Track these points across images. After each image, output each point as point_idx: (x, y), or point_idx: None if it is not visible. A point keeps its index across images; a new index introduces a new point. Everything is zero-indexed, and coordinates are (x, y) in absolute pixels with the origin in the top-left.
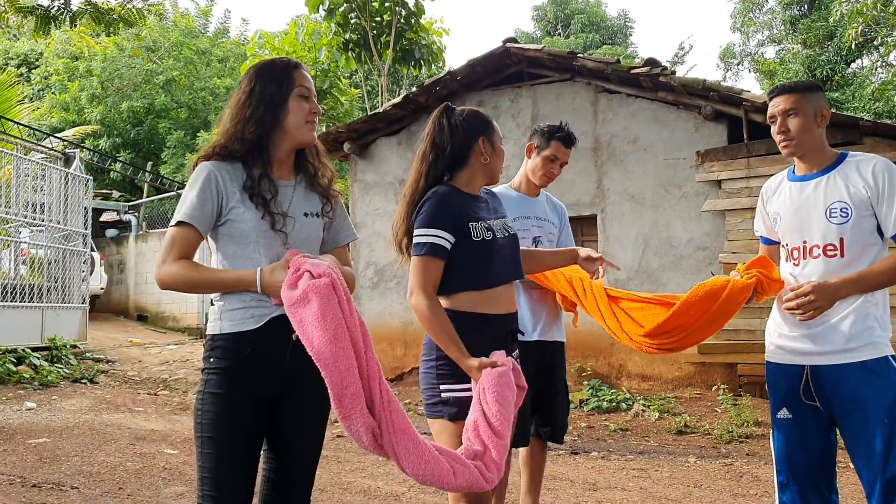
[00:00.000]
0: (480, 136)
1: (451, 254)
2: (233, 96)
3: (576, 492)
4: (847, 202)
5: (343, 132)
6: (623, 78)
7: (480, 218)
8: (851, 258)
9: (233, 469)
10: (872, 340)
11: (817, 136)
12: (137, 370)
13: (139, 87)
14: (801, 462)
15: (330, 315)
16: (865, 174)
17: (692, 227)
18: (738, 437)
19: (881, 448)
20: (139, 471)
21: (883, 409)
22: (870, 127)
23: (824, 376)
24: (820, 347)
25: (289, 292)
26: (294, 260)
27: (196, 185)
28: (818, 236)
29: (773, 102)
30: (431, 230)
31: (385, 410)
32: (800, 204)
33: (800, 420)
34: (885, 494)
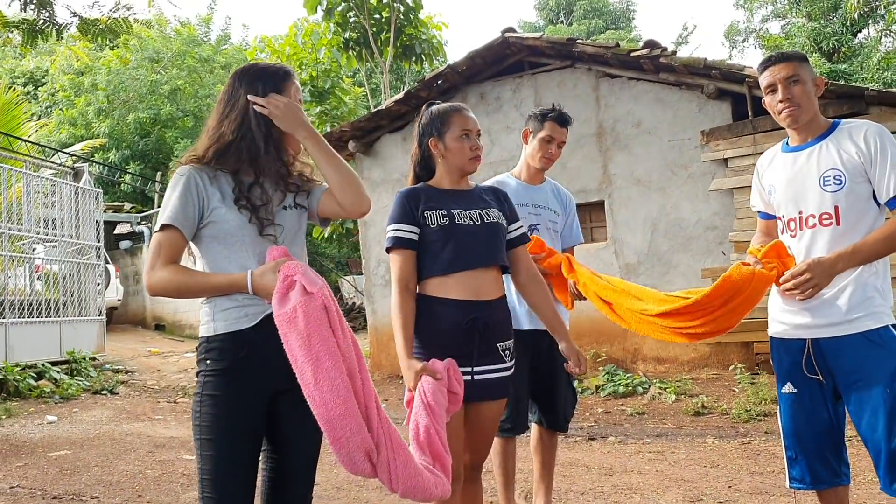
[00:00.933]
0: (430, 139)
1: (419, 244)
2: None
3: (591, 477)
4: (840, 169)
5: (347, 131)
6: (624, 61)
7: (440, 207)
8: (848, 226)
9: (232, 470)
10: (872, 310)
11: (815, 104)
12: (156, 379)
13: (145, 99)
14: (809, 436)
15: (316, 339)
16: (857, 140)
17: (700, 208)
18: (755, 415)
19: (885, 418)
20: (158, 478)
21: (885, 378)
22: (875, 96)
23: (826, 349)
24: (820, 320)
25: (279, 307)
26: (285, 266)
27: (177, 188)
28: (813, 205)
29: (770, 71)
30: (393, 225)
31: (382, 429)
32: (793, 174)
33: (804, 394)
34: (890, 464)
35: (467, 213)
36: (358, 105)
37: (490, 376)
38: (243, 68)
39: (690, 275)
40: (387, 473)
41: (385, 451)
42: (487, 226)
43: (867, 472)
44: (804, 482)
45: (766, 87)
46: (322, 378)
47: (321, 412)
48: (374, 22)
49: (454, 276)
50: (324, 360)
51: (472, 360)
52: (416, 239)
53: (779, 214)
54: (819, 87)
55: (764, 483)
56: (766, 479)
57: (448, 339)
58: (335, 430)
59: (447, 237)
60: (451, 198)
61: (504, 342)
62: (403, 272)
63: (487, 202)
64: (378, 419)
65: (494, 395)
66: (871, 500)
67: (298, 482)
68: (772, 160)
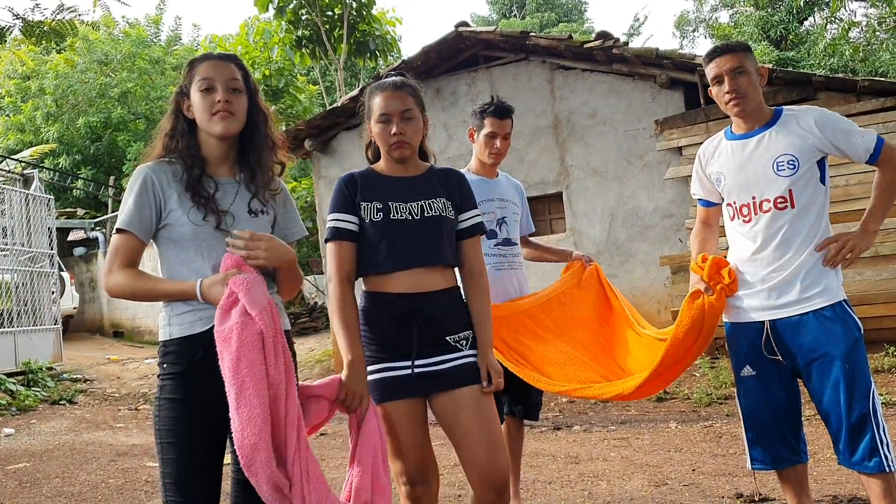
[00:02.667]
0: (367, 123)
1: (360, 235)
2: None
3: (558, 466)
4: (793, 154)
5: (303, 129)
6: (577, 53)
7: (377, 198)
8: (801, 208)
9: (195, 473)
10: (826, 287)
11: (759, 93)
12: (117, 387)
13: (94, 102)
14: (768, 417)
15: (244, 363)
16: (809, 126)
17: (657, 196)
18: (716, 399)
19: (844, 393)
20: (121, 486)
21: (843, 354)
22: (823, 82)
23: (784, 329)
24: (776, 301)
25: (219, 323)
26: (232, 280)
27: (133, 190)
28: (768, 191)
29: (716, 63)
30: (332, 215)
31: (300, 459)
32: (744, 161)
33: (763, 376)
34: (850, 437)
35: (406, 207)
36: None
37: (440, 367)
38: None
39: (649, 262)
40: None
41: (299, 485)
42: (428, 220)
43: (825, 450)
44: (765, 462)
45: (712, 78)
46: (242, 405)
47: (236, 438)
48: (326, 19)
49: (391, 275)
50: (247, 386)
51: (412, 354)
52: (356, 230)
53: (729, 201)
54: (763, 76)
55: (727, 464)
56: (729, 460)
57: (387, 334)
58: (245, 457)
59: (381, 234)
60: (391, 187)
61: (455, 334)
62: (342, 265)
63: (434, 191)
64: (297, 451)
65: (453, 384)
66: (829, 477)
67: None
68: (716, 148)
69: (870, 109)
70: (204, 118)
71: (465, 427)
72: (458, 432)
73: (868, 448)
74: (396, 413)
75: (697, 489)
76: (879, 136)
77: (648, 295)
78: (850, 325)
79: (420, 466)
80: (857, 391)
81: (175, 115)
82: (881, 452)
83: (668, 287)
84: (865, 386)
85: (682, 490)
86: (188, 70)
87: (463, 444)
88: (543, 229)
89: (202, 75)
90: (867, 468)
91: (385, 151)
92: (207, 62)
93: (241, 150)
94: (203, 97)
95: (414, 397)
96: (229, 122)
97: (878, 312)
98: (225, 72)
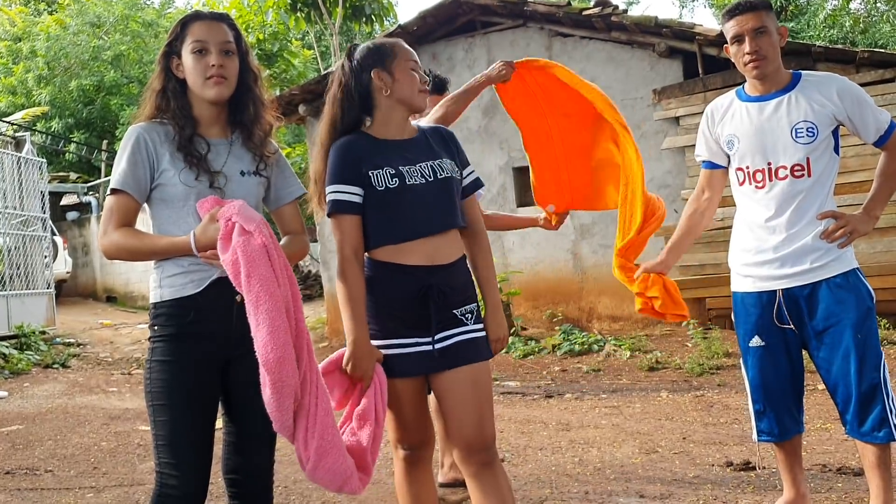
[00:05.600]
0: (373, 70)
1: (364, 206)
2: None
3: (549, 433)
4: (813, 122)
5: (297, 94)
6: (575, 20)
7: (387, 164)
8: (817, 177)
9: (188, 434)
10: (839, 255)
11: (779, 55)
12: (110, 351)
13: (87, 65)
14: (776, 388)
15: (255, 280)
16: (829, 94)
17: (653, 167)
18: (708, 369)
19: (855, 362)
20: (114, 449)
21: (855, 323)
22: (822, 53)
23: (797, 297)
24: (790, 270)
25: (222, 253)
26: (221, 212)
27: (126, 150)
28: (785, 157)
29: (737, 21)
30: (334, 186)
31: (311, 382)
32: (761, 125)
33: (772, 346)
34: (860, 407)
35: (418, 169)
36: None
37: (452, 341)
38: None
39: None
40: (304, 429)
41: (308, 401)
42: (442, 182)
43: (815, 420)
44: (772, 434)
45: (732, 37)
46: (261, 321)
47: (261, 355)
48: None
49: (407, 244)
50: (263, 300)
51: (431, 329)
52: (361, 201)
53: (741, 165)
54: (783, 36)
55: (717, 433)
56: (720, 429)
57: (401, 309)
58: (272, 373)
59: (398, 201)
60: (398, 150)
61: (463, 307)
62: (349, 240)
63: (437, 151)
64: (309, 370)
65: (462, 359)
66: (819, 447)
67: (256, 448)
68: (728, 109)
69: (869, 81)
70: (197, 82)
71: (459, 401)
72: (449, 406)
73: (878, 419)
74: (406, 389)
75: (687, 457)
76: (893, 120)
77: None
78: (863, 294)
79: (420, 436)
80: (868, 361)
81: (165, 74)
82: (891, 422)
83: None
84: (876, 356)
85: (672, 458)
86: (179, 29)
87: (453, 416)
88: None
89: (195, 37)
90: (877, 438)
91: (409, 97)
92: (200, 22)
93: (233, 110)
94: (196, 60)
95: (426, 374)
96: (223, 87)
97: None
98: (218, 33)
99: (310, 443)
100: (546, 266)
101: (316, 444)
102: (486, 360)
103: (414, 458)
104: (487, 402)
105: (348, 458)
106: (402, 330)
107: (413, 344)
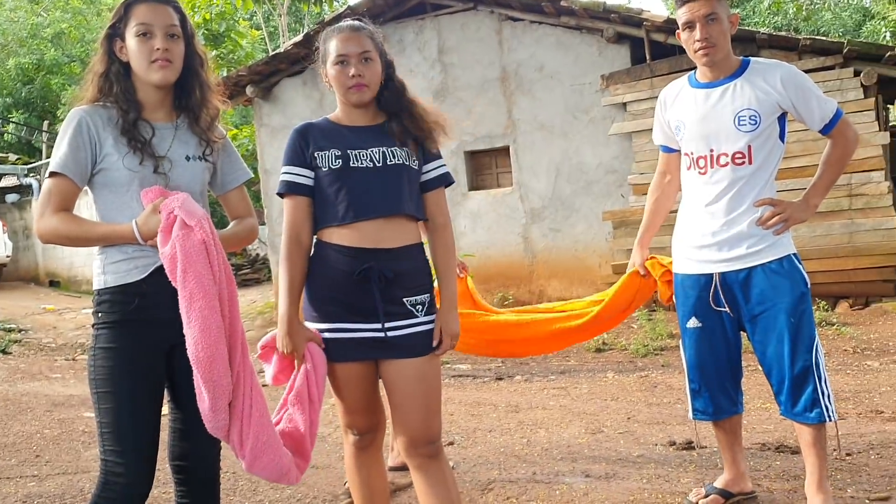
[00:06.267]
0: (323, 67)
1: (315, 189)
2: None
3: (498, 415)
4: (756, 109)
5: (245, 75)
6: (525, 4)
7: (334, 146)
8: (758, 165)
9: (133, 421)
10: (775, 241)
11: (729, 42)
12: (53, 337)
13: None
14: (712, 368)
15: (191, 276)
16: (773, 82)
17: (601, 152)
18: (653, 350)
19: (789, 345)
20: (57, 437)
21: (790, 307)
22: (766, 40)
23: (733, 282)
24: (726, 254)
25: (162, 245)
26: (165, 204)
27: (67, 133)
28: (727, 144)
29: (689, 7)
30: (284, 168)
31: (244, 380)
32: (706, 111)
33: (709, 327)
34: (793, 389)
35: (367, 153)
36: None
37: (402, 332)
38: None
39: (592, 218)
40: (238, 430)
41: (241, 402)
42: (390, 168)
43: (755, 400)
44: (707, 413)
45: (684, 23)
46: (194, 317)
47: (192, 352)
48: None
49: (349, 226)
50: (197, 298)
51: (378, 314)
52: (311, 183)
53: (686, 150)
54: (734, 24)
55: (661, 413)
56: (663, 409)
57: (344, 293)
58: (203, 371)
59: (340, 183)
60: (351, 134)
61: (413, 297)
62: (294, 221)
63: (394, 139)
64: (242, 368)
65: (411, 352)
66: (759, 426)
67: (203, 435)
68: (678, 94)
69: (811, 68)
70: (141, 65)
71: (405, 395)
72: (396, 399)
73: (810, 399)
74: (352, 374)
75: (632, 437)
76: (839, 109)
77: (591, 249)
78: (798, 279)
79: (370, 421)
80: (801, 344)
81: (108, 56)
82: (822, 403)
83: (610, 241)
84: (809, 339)
85: (618, 438)
86: (123, 11)
87: (399, 410)
88: (490, 183)
89: (139, 20)
90: (808, 419)
91: (340, 96)
92: (144, 5)
93: (178, 94)
94: (140, 43)
95: (367, 361)
96: (168, 71)
97: (812, 268)
98: (163, 17)
99: (245, 442)
100: (497, 250)
101: (251, 444)
102: (435, 353)
103: (364, 443)
104: (435, 396)
105: (285, 453)
106: (346, 315)
107: (359, 329)
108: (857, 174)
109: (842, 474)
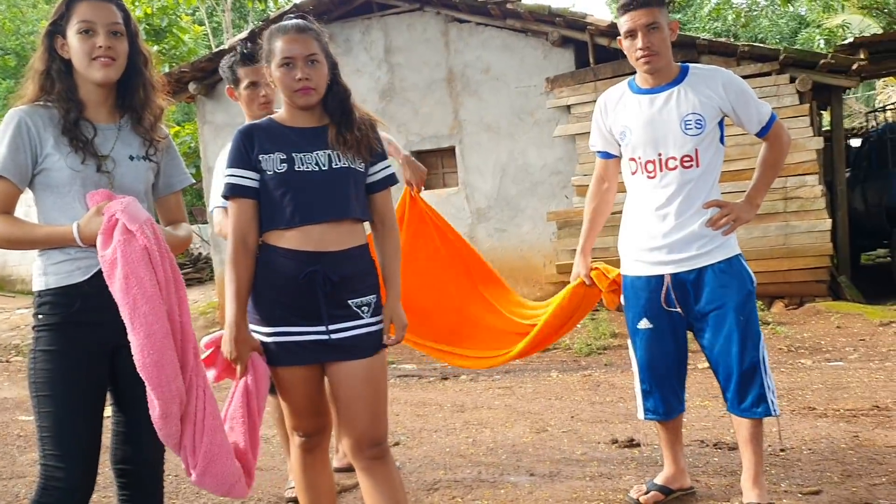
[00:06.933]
0: (267, 66)
1: (261, 191)
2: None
3: (444, 415)
4: (701, 114)
5: (188, 72)
6: (472, 6)
7: (279, 149)
8: (705, 168)
9: (74, 425)
10: (723, 242)
11: (670, 50)
12: None
13: None
14: (662, 369)
15: (133, 282)
16: (715, 87)
17: (546, 154)
18: (595, 349)
19: (738, 342)
20: None
21: (738, 306)
22: (706, 45)
23: (684, 282)
24: (677, 256)
25: (101, 248)
26: (108, 206)
27: (6, 134)
28: (675, 148)
29: (631, 16)
30: (229, 171)
31: (197, 387)
32: (652, 116)
33: (660, 328)
34: (741, 385)
35: (312, 156)
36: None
37: (348, 334)
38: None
39: (537, 218)
40: (191, 435)
41: (194, 405)
42: (336, 172)
43: (694, 398)
44: (657, 413)
45: (625, 31)
46: (137, 324)
47: (137, 360)
48: None
49: (293, 230)
50: (140, 304)
51: (323, 317)
52: (256, 186)
53: (633, 156)
54: (674, 31)
55: (604, 412)
56: (606, 408)
57: (288, 296)
58: (150, 378)
59: (285, 187)
60: (296, 136)
61: (359, 298)
62: (240, 224)
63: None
64: (195, 375)
65: (357, 353)
66: (697, 423)
67: (146, 438)
68: (620, 100)
69: (748, 74)
70: (83, 63)
71: (351, 397)
72: (342, 401)
73: (757, 395)
74: (297, 377)
75: (576, 435)
76: (774, 113)
77: (535, 249)
78: (745, 279)
79: (316, 424)
80: (749, 341)
81: (49, 54)
82: (768, 399)
83: (554, 241)
84: (756, 336)
85: (562, 436)
86: (65, 9)
87: (345, 412)
88: (436, 183)
89: (81, 17)
90: (756, 414)
91: (286, 98)
92: (86, 2)
93: (121, 93)
94: (82, 41)
95: (313, 364)
96: (110, 69)
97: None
98: (106, 14)
99: (198, 448)
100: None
101: (205, 450)
102: (381, 353)
103: (310, 445)
104: (381, 397)
105: (236, 462)
106: (290, 318)
107: (304, 333)
108: (792, 178)
109: (776, 469)
